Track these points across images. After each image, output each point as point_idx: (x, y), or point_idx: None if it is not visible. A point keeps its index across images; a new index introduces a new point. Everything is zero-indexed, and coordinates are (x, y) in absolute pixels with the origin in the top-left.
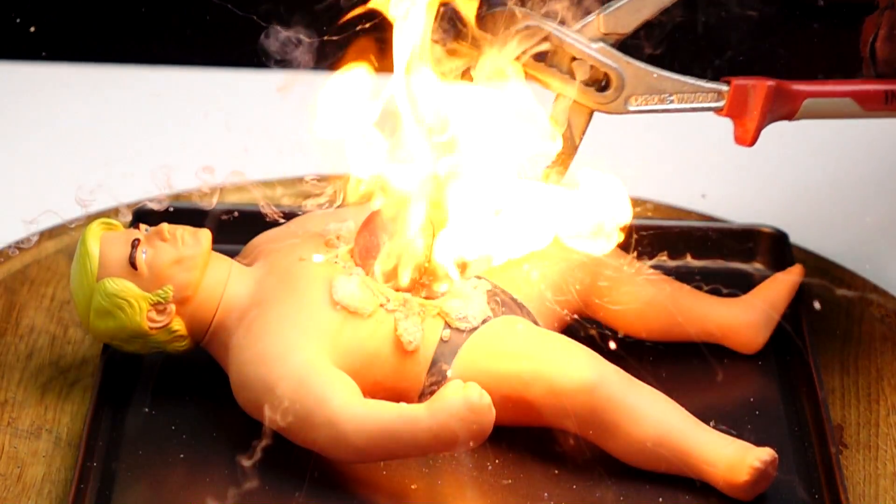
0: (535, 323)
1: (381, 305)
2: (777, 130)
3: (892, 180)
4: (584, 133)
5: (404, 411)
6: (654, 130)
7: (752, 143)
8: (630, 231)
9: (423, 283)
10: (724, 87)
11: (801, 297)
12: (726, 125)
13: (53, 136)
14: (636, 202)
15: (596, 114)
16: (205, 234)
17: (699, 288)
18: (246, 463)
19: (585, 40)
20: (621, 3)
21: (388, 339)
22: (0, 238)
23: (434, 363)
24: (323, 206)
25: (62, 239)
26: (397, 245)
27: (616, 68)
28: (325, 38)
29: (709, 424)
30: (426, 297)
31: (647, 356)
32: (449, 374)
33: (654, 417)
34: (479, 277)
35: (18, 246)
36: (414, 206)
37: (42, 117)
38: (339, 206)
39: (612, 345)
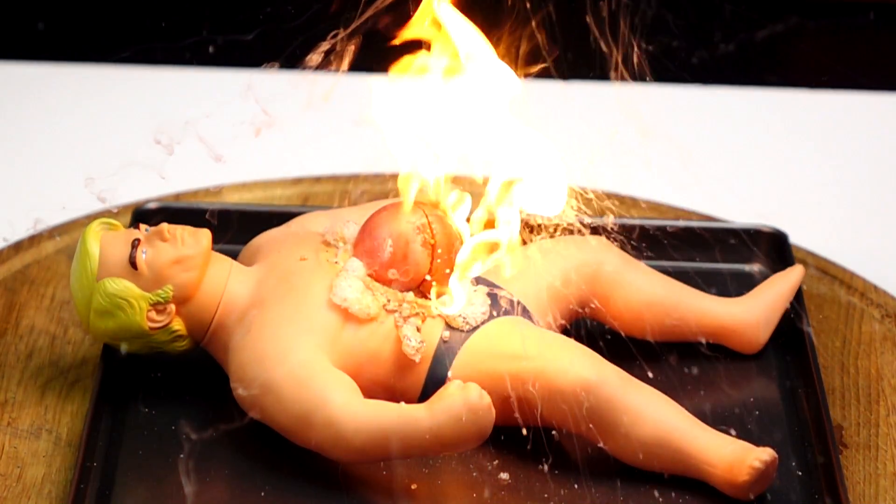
0: (535, 323)
1: (382, 306)
2: (777, 130)
3: (893, 180)
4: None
5: (404, 411)
6: (654, 131)
7: None
8: (630, 231)
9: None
10: None
11: (800, 297)
12: (726, 127)
13: (53, 136)
14: (637, 202)
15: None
16: (205, 234)
17: (699, 288)
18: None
19: None
20: None
21: (389, 339)
22: (0, 237)
23: (434, 363)
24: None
25: (62, 239)
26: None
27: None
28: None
29: (709, 424)
30: (427, 298)
31: (647, 356)
32: (449, 374)
33: (654, 417)
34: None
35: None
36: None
37: (42, 117)
38: (338, 207)
39: (612, 344)
